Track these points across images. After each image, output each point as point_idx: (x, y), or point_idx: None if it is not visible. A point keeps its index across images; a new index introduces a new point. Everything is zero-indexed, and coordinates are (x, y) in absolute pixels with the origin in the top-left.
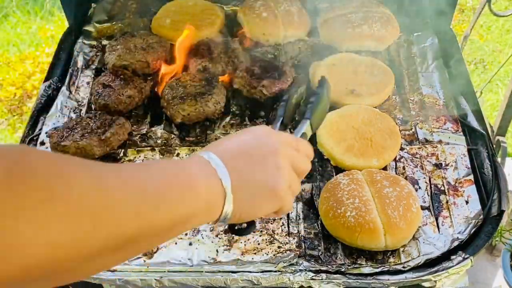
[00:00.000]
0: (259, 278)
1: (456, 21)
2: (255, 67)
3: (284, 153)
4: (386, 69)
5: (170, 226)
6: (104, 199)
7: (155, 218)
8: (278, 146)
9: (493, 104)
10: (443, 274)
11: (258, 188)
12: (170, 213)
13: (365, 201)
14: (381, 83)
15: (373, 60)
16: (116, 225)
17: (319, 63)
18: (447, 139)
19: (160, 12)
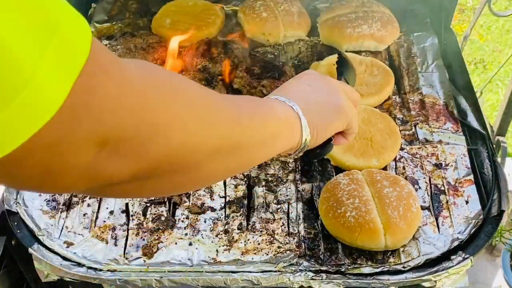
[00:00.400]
0: (259, 278)
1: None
2: (255, 67)
3: (335, 82)
4: (386, 69)
5: (263, 139)
6: (213, 104)
7: (252, 127)
8: (328, 78)
9: (493, 104)
10: (443, 274)
11: (324, 108)
12: (261, 125)
13: (365, 201)
14: (381, 83)
15: (373, 60)
16: (226, 126)
17: (319, 63)
18: (447, 139)
19: (160, 12)
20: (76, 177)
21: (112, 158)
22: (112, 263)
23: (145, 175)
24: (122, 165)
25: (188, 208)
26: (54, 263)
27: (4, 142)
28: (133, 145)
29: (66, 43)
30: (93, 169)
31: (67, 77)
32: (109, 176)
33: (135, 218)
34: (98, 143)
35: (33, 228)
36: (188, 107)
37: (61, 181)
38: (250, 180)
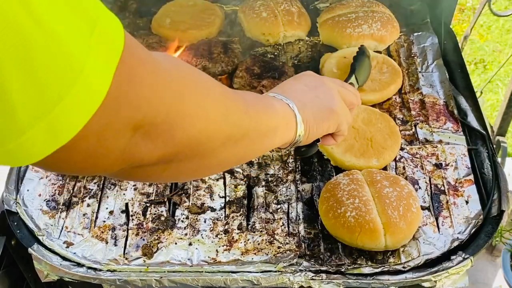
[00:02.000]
0: (259, 278)
1: (456, 21)
2: (255, 67)
3: (331, 83)
4: (396, 68)
5: (266, 131)
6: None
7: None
8: (325, 79)
9: (493, 104)
10: (443, 274)
11: (318, 108)
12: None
13: (365, 201)
14: (386, 81)
15: (385, 58)
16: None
17: (330, 54)
18: (447, 139)
19: (160, 12)
20: (114, 159)
21: (144, 141)
22: (112, 263)
23: (170, 158)
24: (152, 148)
25: (188, 208)
26: (54, 263)
27: (63, 131)
28: (162, 130)
29: (105, 36)
30: (128, 151)
31: (108, 67)
32: (141, 158)
33: (135, 218)
34: (134, 127)
35: (32, 228)
36: (208, 97)
37: (101, 164)
38: (250, 180)
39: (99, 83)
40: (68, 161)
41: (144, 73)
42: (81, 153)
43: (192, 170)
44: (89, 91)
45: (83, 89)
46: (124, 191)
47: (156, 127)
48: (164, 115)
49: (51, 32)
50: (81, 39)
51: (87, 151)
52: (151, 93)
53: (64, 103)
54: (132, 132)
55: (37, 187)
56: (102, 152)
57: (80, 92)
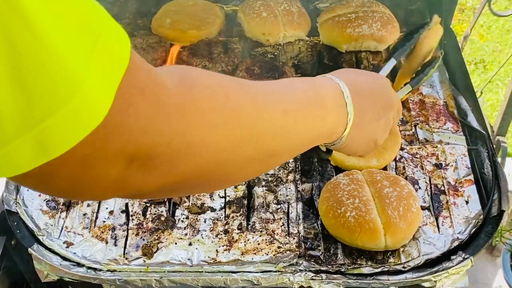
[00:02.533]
0: (259, 278)
1: (456, 21)
2: (255, 67)
3: (394, 113)
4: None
5: (303, 144)
6: (255, 114)
7: (293, 135)
8: (394, 104)
9: (493, 104)
10: (443, 274)
11: (366, 134)
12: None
13: (365, 201)
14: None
15: None
16: (263, 137)
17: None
18: (447, 139)
19: (160, 12)
20: (105, 188)
21: (140, 172)
22: (112, 263)
23: (173, 187)
24: (150, 179)
25: (188, 208)
26: (54, 263)
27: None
28: (161, 162)
29: (107, 54)
30: (121, 182)
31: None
32: (137, 188)
33: (135, 218)
34: (127, 158)
35: (32, 228)
36: (224, 124)
37: (90, 192)
38: (250, 180)
39: (97, 105)
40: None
41: (142, 103)
42: (64, 179)
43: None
44: (85, 110)
45: (78, 107)
46: None
47: (154, 159)
48: (164, 147)
49: (46, 44)
50: (81, 54)
51: (71, 178)
52: (148, 125)
53: (54, 118)
54: (126, 163)
55: None
56: (90, 181)
57: (74, 110)
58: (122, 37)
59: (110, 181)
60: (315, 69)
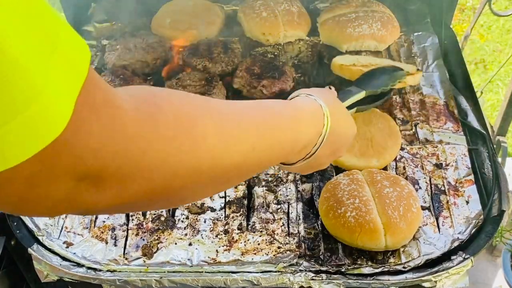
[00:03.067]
0: (259, 278)
1: (456, 21)
2: (255, 67)
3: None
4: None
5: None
6: (223, 139)
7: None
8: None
9: (493, 104)
10: (444, 275)
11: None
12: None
13: (365, 201)
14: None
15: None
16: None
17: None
18: (448, 139)
19: (160, 12)
20: (52, 206)
21: (89, 192)
22: (111, 263)
23: (124, 207)
24: (100, 199)
25: (188, 208)
26: (54, 263)
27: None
28: (112, 184)
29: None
30: (69, 200)
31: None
32: (86, 207)
33: (134, 218)
34: (76, 177)
35: (32, 228)
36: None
37: (36, 209)
38: (250, 180)
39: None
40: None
41: (95, 124)
42: (9, 195)
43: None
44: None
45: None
46: None
47: (105, 180)
48: (115, 170)
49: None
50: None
51: (16, 195)
52: (100, 147)
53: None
54: (75, 182)
55: None
56: (36, 198)
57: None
58: (81, 48)
59: (57, 199)
60: (315, 69)
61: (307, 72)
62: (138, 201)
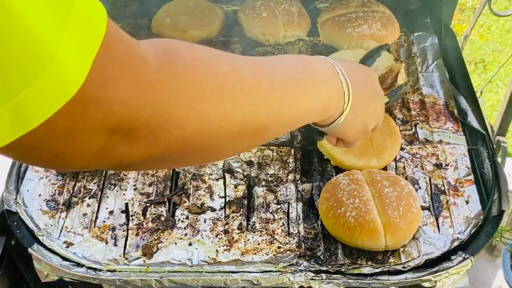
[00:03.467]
0: (259, 278)
1: (456, 21)
2: None
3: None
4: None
5: (294, 119)
6: (241, 85)
7: (282, 109)
8: (380, 95)
9: (493, 104)
10: (443, 274)
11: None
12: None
13: (365, 201)
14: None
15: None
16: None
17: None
18: (447, 139)
19: (160, 12)
20: (87, 159)
21: (122, 144)
22: (111, 263)
23: (157, 159)
24: (133, 151)
25: (188, 208)
26: (54, 263)
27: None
28: (144, 135)
29: (81, 24)
30: (104, 154)
31: (83, 59)
32: (120, 159)
33: (135, 218)
34: (109, 131)
35: (32, 228)
36: (209, 97)
37: (73, 163)
38: (250, 180)
39: (71, 75)
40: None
41: (121, 76)
42: (46, 151)
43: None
44: (59, 80)
45: (52, 77)
46: (124, 191)
47: (137, 131)
48: (145, 120)
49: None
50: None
51: (53, 150)
52: (128, 98)
53: (29, 90)
54: (107, 135)
55: (37, 187)
56: (72, 153)
57: (48, 81)
58: (97, 8)
59: (92, 153)
60: None
61: None
62: (171, 153)
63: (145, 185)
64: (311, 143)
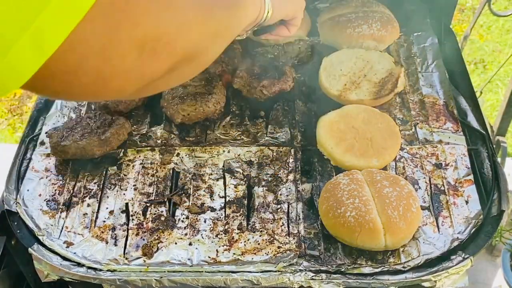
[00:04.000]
0: (259, 278)
1: (456, 21)
2: (255, 67)
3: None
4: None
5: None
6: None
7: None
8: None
9: (493, 104)
10: (443, 274)
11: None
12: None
13: (365, 201)
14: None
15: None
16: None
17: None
18: (447, 139)
19: None
20: (125, 80)
21: (151, 59)
22: (112, 263)
23: (174, 68)
24: (160, 63)
25: (188, 208)
26: (54, 263)
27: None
28: (165, 44)
29: None
30: (138, 71)
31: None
32: (151, 74)
33: (135, 218)
34: (138, 46)
35: (33, 228)
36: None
37: (112, 86)
38: (250, 180)
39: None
40: (77, 84)
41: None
42: (87, 74)
43: (192, 71)
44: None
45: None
46: (124, 191)
47: (159, 42)
48: (164, 28)
49: None
50: None
51: (93, 72)
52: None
53: (45, 12)
54: (138, 51)
55: (37, 187)
56: (110, 73)
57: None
58: None
59: (128, 71)
60: (315, 69)
61: (307, 72)
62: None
63: (145, 185)
64: (311, 143)
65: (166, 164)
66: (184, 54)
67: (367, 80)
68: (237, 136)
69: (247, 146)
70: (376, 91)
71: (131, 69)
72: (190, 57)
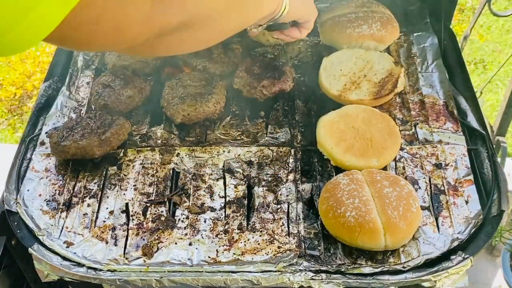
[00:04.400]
0: (259, 278)
1: (456, 21)
2: (255, 67)
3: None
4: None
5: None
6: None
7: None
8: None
9: (493, 104)
10: (443, 274)
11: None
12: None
13: (365, 201)
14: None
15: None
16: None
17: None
18: (447, 139)
19: None
20: (139, 29)
21: (162, 9)
22: (112, 263)
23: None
24: (169, 15)
25: (188, 208)
26: (54, 263)
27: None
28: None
29: None
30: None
31: None
32: (161, 25)
33: (135, 218)
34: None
35: (33, 228)
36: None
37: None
38: (250, 180)
39: None
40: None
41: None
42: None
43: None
44: None
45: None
46: (124, 191)
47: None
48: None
49: None
50: None
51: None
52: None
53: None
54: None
55: (37, 187)
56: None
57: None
58: None
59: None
60: (315, 69)
61: (307, 72)
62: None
63: (145, 185)
64: (311, 143)
65: (166, 164)
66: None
67: (367, 80)
68: (237, 136)
69: (247, 146)
70: (376, 91)
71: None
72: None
